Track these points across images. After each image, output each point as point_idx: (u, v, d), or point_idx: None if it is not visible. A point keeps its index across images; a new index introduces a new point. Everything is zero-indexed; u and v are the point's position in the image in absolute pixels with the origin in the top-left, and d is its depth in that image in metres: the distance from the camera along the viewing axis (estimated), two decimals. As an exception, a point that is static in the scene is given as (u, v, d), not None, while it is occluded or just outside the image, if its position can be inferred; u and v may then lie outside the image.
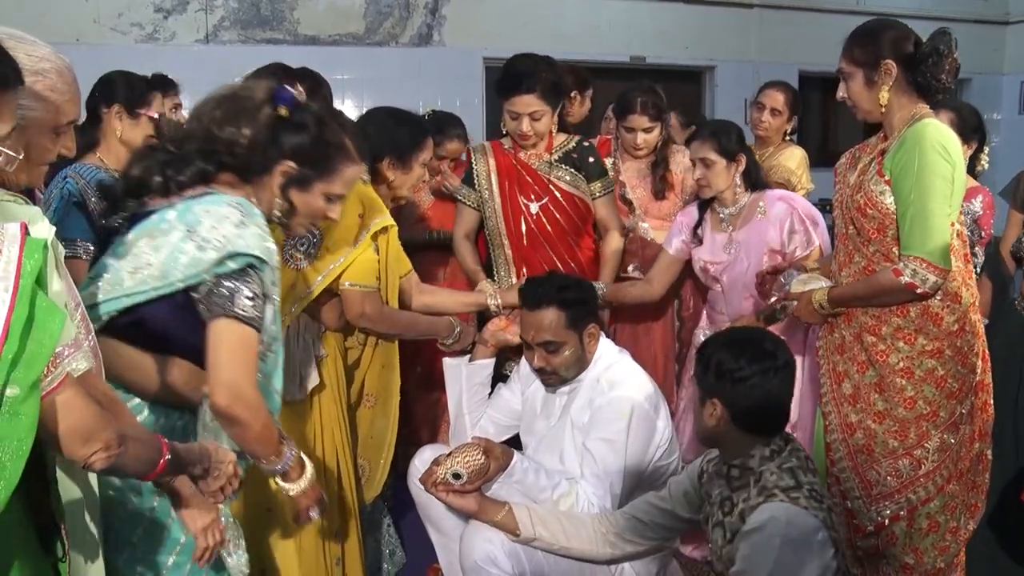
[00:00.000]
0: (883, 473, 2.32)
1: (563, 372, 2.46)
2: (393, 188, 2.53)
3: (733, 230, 2.99)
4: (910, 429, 2.30)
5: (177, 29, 5.79)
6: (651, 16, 6.94)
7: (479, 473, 2.29)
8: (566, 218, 3.07)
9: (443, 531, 2.56)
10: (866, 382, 2.35)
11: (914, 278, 2.18)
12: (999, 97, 8.19)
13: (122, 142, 2.69)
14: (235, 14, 5.88)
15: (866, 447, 2.35)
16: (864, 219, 2.31)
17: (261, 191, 1.78)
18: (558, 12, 6.65)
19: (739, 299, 2.97)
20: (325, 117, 1.86)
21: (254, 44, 5.89)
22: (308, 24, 6.05)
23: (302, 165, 1.78)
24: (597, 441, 2.34)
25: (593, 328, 2.47)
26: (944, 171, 2.18)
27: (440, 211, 3.75)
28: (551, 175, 3.09)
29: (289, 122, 1.78)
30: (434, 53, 6.37)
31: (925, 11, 7.72)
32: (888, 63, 2.25)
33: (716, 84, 7.31)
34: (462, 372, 2.71)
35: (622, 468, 2.33)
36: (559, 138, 3.14)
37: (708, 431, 2.01)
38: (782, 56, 7.19)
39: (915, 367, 2.29)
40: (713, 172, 2.94)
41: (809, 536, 1.81)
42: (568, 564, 2.27)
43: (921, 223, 2.17)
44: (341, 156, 1.85)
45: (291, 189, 1.80)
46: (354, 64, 6.05)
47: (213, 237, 1.60)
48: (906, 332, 2.29)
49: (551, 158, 3.10)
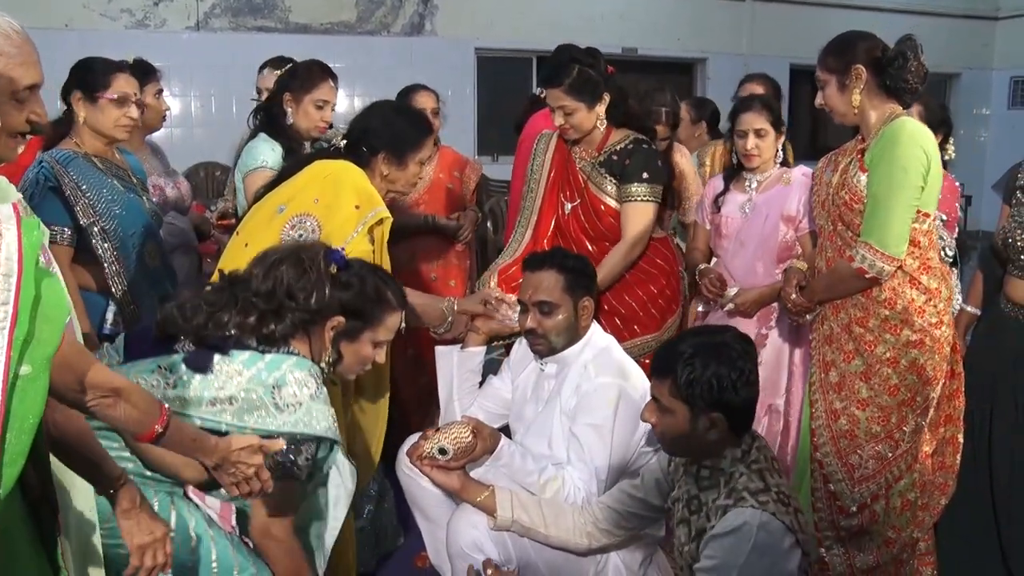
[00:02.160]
0: (865, 456, 2.46)
1: (552, 337, 2.47)
2: (387, 183, 2.54)
3: (755, 193, 3.03)
4: (892, 415, 2.44)
5: (168, 16, 5.77)
6: (644, 8, 6.96)
7: (465, 451, 2.31)
8: (591, 224, 3.01)
9: (430, 518, 2.58)
10: (851, 371, 2.48)
11: (863, 263, 2.35)
12: (988, 92, 8.24)
13: (87, 126, 2.68)
14: (226, 1, 5.87)
15: (849, 432, 2.48)
16: (851, 213, 2.43)
17: (315, 342, 1.98)
18: (550, 3, 6.66)
19: (747, 261, 3.00)
20: (367, 273, 2.08)
21: (245, 32, 5.87)
22: (300, 12, 6.04)
23: (351, 318, 2.00)
24: (584, 427, 2.36)
25: (588, 302, 2.49)
26: (914, 165, 2.31)
27: (433, 197, 3.77)
28: (590, 178, 3.00)
29: (339, 279, 1.99)
30: (426, 43, 6.37)
31: (915, 6, 7.75)
32: (858, 67, 2.40)
33: (708, 76, 7.34)
34: (453, 359, 2.72)
35: (608, 454, 2.34)
36: (615, 136, 2.99)
37: (693, 444, 1.96)
38: (773, 49, 7.22)
39: (901, 357, 2.42)
40: (766, 143, 2.97)
41: (778, 542, 1.82)
42: (554, 552, 2.28)
43: (879, 211, 2.34)
44: (384, 306, 2.06)
45: (341, 341, 2.01)
46: (345, 53, 6.04)
47: (292, 403, 1.84)
48: (892, 324, 2.42)
49: (598, 159, 2.99)
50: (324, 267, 1.97)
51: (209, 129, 4.29)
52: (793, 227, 2.94)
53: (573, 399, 2.43)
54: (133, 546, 1.55)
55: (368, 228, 2.37)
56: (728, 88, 7.01)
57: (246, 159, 3.08)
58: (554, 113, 2.91)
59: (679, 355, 1.91)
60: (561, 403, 2.46)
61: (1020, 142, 7.96)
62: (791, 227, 2.94)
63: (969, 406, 2.61)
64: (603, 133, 2.97)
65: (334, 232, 2.33)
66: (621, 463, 2.39)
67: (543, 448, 2.46)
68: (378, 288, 2.05)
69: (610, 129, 2.98)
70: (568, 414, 2.43)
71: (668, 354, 1.96)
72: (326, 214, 2.33)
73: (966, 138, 8.66)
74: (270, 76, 3.62)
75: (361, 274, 2.04)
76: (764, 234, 2.95)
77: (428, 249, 3.70)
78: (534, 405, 2.57)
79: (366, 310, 2.03)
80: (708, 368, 1.88)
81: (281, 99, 3.14)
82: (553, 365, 2.55)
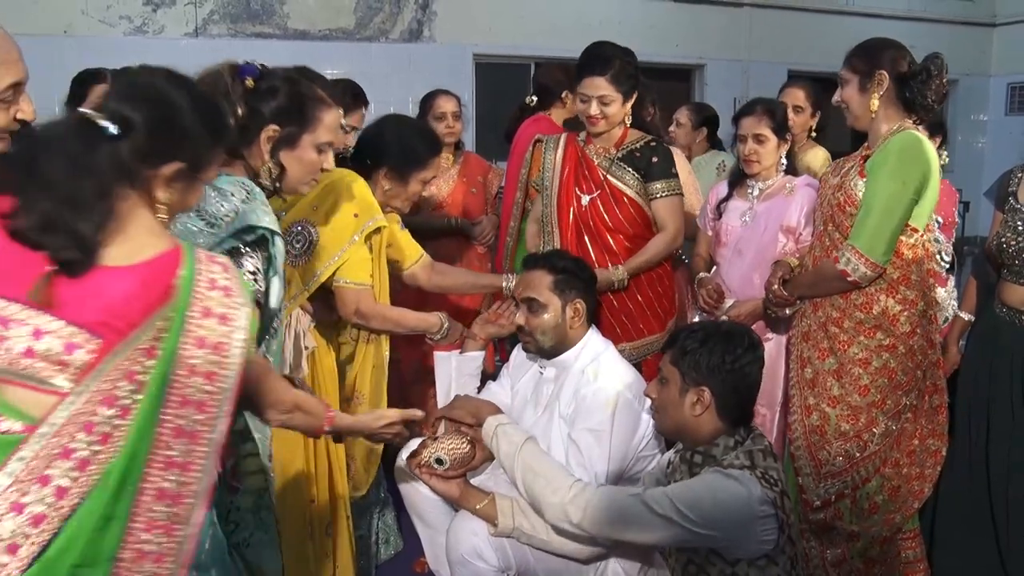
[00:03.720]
0: (833, 453, 2.53)
1: (539, 336, 2.50)
2: (387, 197, 2.54)
3: (756, 202, 3.03)
4: (861, 415, 2.49)
5: (166, 22, 5.78)
6: (642, 14, 6.96)
7: (462, 462, 2.32)
8: (611, 215, 3.03)
9: (429, 524, 2.57)
10: (825, 368, 2.55)
11: (847, 266, 2.41)
12: (986, 98, 8.26)
13: None
14: (224, 8, 5.87)
15: (819, 428, 2.54)
16: (843, 215, 2.48)
17: (254, 161, 1.86)
18: (549, 9, 6.67)
19: (744, 271, 3.00)
20: (292, 75, 1.92)
21: (243, 38, 5.88)
22: (298, 18, 6.04)
23: (285, 125, 1.85)
24: (582, 431, 2.36)
25: (578, 304, 2.50)
26: (912, 179, 2.36)
27: (459, 199, 3.81)
28: (610, 171, 3.04)
29: (259, 90, 1.84)
30: (424, 49, 6.37)
31: (914, 12, 7.77)
32: (882, 73, 2.44)
33: (706, 82, 7.35)
34: (452, 363, 2.72)
35: (607, 458, 2.34)
36: (632, 135, 3.07)
37: (684, 421, 2.04)
38: (771, 55, 7.23)
39: (872, 359, 2.48)
40: (765, 149, 2.98)
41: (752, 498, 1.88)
42: (553, 558, 2.28)
43: (871, 218, 2.38)
44: (317, 104, 1.91)
45: (281, 151, 1.87)
46: (344, 59, 6.04)
47: (221, 214, 1.66)
48: (867, 327, 2.49)
49: (616, 155, 3.04)
50: (233, 83, 1.82)
51: (208, 135, 4.35)
52: (793, 238, 2.92)
53: (572, 404, 2.43)
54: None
55: (366, 236, 2.37)
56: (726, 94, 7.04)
57: None
58: (586, 103, 2.94)
59: (690, 328, 2.09)
60: (560, 408, 2.46)
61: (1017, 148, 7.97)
62: (791, 238, 2.92)
63: (965, 410, 2.65)
64: (620, 132, 3.04)
65: (332, 240, 2.34)
66: (620, 468, 2.39)
67: (542, 453, 2.46)
68: (307, 87, 1.92)
69: (626, 129, 3.04)
70: (567, 419, 2.43)
71: (682, 329, 2.13)
72: (324, 221, 2.34)
73: (964, 144, 8.67)
74: None
75: (285, 76, 1.90)
76: (762, 244, 2.94)
77: (449, 251, 3.74)
78: (533, 410, 2.57)
79: (298, 113, 1.89)
80: (707, 344, 2.01)
81: None
82: (552, 369, 2.55)
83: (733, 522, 1.88)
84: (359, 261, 2.40)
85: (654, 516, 1.93)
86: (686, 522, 1.89)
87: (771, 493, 1.90)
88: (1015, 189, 2.80)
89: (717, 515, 1.88)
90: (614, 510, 2.00)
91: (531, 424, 2.55)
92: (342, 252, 2.35)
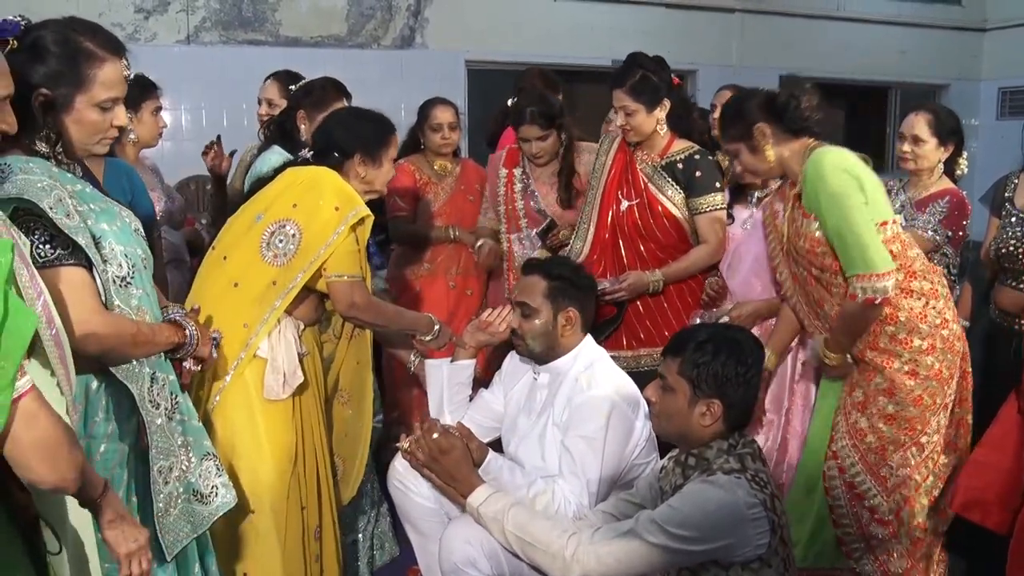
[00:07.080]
0: (895, 465, 2.49)
1: (529, 340, 2.52)
2: (364, 184, 2.54)
3: (755, 209, 3.05)
4: (917, 424, 2.47)
5: (158, 30, 5.75)
6: (633, 20, 6.96)
7: None
8: (645, 223, 3.06)
9: (422, 532, 2.56)
10: (872, 388, 2.50)
11: (865, 294, 2.34)
12: (977, 103, 8.26)
13: None
14: (216, 15, 5.85)
15: (879, 448, 2.50)
16: (819, 256, 2.45)
17: (28, 131, 1.66)
18: (541, 15, 6.66)
19: (744, 276, 3.02)
20: (58, 28, 1.76)
21: (236, 45, 5.86)
22: (290, 25, 6.03)
23: (55, 88, 1.71)
24: (576, 439, 2.35)
25: (571, 312, 2.50)
26: (846, 189, 2.33)
27: (454, 209, 3.80)
28: (651, 179, 3.08)
29: (22, 52, 1.68)
30: (416, 56, 6.36)
31: (903, 17, 7.79)
32: (760, 126, 2.46)
33: (698, 88, 7.34)
34: (443, 372, 2.71)
35: (599, 466, 2.34)
36: (678, 145, 3.10)
37: (690, 429, 2.03)
38: (763, 60, 7.23)
39: (919, 367, 2.45)
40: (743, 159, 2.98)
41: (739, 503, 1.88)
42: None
43: (850, 243, 2.34)
44: (89, 60, 1.76)
45: (59, 116, 1.73)
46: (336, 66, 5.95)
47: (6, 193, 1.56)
48: (901, 337, 2.44)
49: (660, 163, 3.08)
50: None
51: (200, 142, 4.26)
52: None
53: (565, 412, 2.43)
54: (121, 555, 1.52)
55: (350, 227, 2.37)
56: (718, 100, 7.05)
57: (261, 167, 3.08)
58: (618, 115, 3.04)
59: (695, 338, 2.04)
60: (554, 415, 2.46)
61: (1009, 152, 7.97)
62: None
63: None
64: (665, 140, 3.08)
65: (316, 235, 2.33)
66: (613, 475, 2.38)
67: (536, 460, 2.46)
68: (75, 41, 1.75)
69: (673, 137, 3.09)
70: (560, 426, 2.42)
71: (685, 336, 2.09)
72: (306, 218, 2.33)
73: (955, 148, 8.65)
74: (272, 87, 3.64)
75: (49, 32, 1.73)
76: (760, 250, 2.93)
77: (448, 259, 3.74)
78: (527, 416, 2.57)
79: (67, 71, 1.72)
80: (719, 356, 1.98)
81: (294, 115, 3.17)
82: (545, 375, 2.55)
83: (726, 529, 1.88)
84: (347, 254, 2.38)
85: (652, 548, 1.93)
86: (682, 543, 1.89)
87: (761, 495, 1.91)
88: (1011, 195, 2.80)
89: (708, 527, 1.88)
90: (615, 555, 1.98)
91: (525, 431, 2.54)
92: (326, 246, 2.34)
